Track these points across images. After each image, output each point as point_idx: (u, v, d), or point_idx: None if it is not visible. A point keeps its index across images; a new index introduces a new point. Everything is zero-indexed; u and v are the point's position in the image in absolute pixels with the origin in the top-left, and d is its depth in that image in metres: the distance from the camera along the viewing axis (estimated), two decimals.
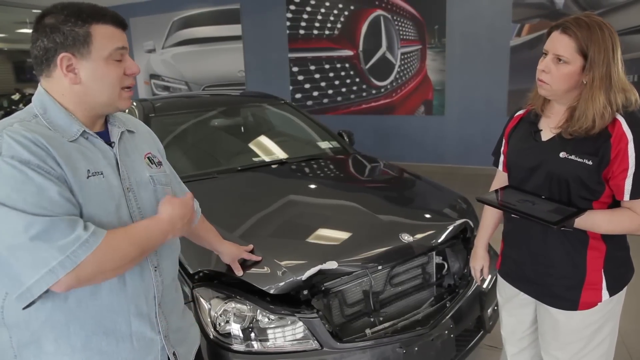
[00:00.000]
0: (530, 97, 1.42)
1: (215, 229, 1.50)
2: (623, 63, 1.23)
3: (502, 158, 1.52)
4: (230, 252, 1.54)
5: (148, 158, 1.13)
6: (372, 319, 1.71)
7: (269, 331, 1.55)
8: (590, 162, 1.22)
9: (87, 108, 0.99)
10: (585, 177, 1.23)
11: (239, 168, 2.50)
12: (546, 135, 1.34)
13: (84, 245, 0.86)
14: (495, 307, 2.10)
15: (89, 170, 0.95)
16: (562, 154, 1.27)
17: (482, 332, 1.99)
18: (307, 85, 6.85)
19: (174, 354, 1.12)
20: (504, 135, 1.51)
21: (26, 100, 10.14)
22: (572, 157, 1.25)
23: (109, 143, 1.04)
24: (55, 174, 0.87)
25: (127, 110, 1.71)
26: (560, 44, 1.23)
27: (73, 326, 0.97)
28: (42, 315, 0.95)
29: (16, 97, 11.17)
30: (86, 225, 0.88)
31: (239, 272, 1.55)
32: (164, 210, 1.01)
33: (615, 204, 1.28)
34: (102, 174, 0.97)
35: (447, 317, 1.76)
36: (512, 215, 1.35)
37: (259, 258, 1.61)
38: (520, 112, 1.47)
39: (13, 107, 10.33)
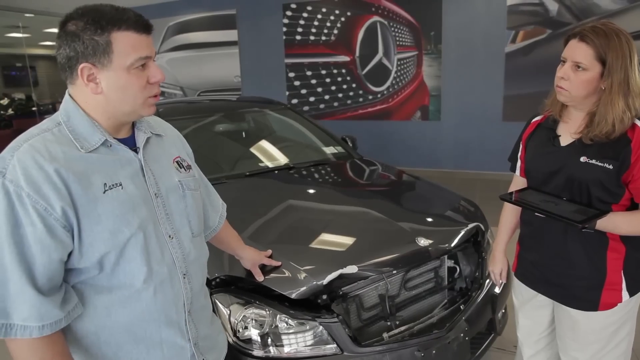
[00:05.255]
0: (547, 103, 1.45)
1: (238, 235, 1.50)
2: None
3: (519, 163, 1.55)
4: (251, 258, 1.54)
5: (177, 162, 1.11)
6: (388, 323, 1.72)
7: (289, 336, 1.55)
8: (610, 167, 1.25)
9: (110, 117, 0.97)
10: (606, 180, 1.26)
11: (247, 173, 2.50)
12: (565, 140, 1.37)
13: (5, 328, 0.86)
14: (504, 311, 2.13)
15: (105, 184, 0.93)
16: (582, 159, 1.30)
17: (493, 335, 2.01)
18: (303, 91, 6.87)
19: None
20: (521, 140, 1.53)
21: (15, 105, 9.99)
22: (593, 161, 1.28)
23: (135, 148, 1.02)
24: (41, 206, 0.86)
25: None
26: (578, 51, 1.26)
27: (104, 336, 0.97)
28: (73, 325, 0.94)
29: (5, 102, 11.00)
30: (36, 313, 0.85)
31: (259, 278, 1.55)
32: None
33: (633, 206, 1.31)
34: (120, 185, 0.95)
35: (462, 319, 1.78)
36: (536, 214, 1.38)
37: (279, 263, 1.61)
38: (537, 118, 1.50)
39: (2, 112, 10.17)
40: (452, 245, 1.89)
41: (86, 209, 0.90)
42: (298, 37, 6.72)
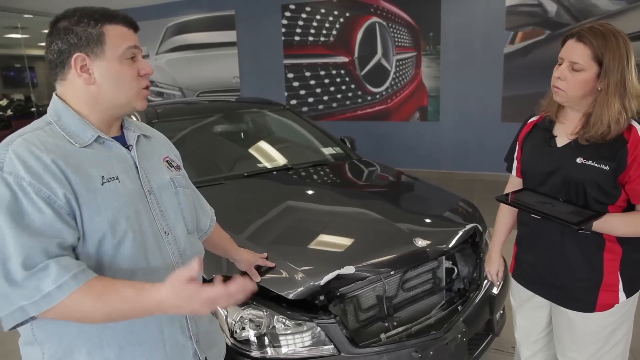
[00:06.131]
0: (544, 104, 1.45)
1: (230, 236, 1.49)
2: (637, 70, 1.27)
3: (515, 164, 1.55)
4: (246, 259, 1.54)
5: (167, 161, 1.13)
6: (386, 324, 1.72)
7: (286, 337, 1.55)
8: (607, 167, 1.25)
9: (102, 109, 0.98)
10: (602, 181, 1.26)
11: (246, 174, 2.50)
12: (561, 141, 1.37)
13: (46, 298, 0.83)
14: (502, 311, 2.13)
15: (103, 176, 0.94)
16: (578, 160, 1.29)
17: (491, 336, 2.01)
18: (302, 92, 6.87)
19: (205, 359, 1.12)
20: (517, 141, 1.53)
21: (14, 106, 9.99)
22: (589, 162, 1.28)
23: (126, 147, 1.03)
24: (45, 194, 0.86)
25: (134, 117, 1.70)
26: (575, 51, 1.26)
27: (106, 337, 0.96)
28: (74, 328, 0.94)
29: (3, 102, 11.00)
30: (61, 269, 0.83)
31: (256, 278, 1.55)
32: (166, 293, 0.86)
33: (629, 208, 1.31)
34: (117, 179, 0.96)
35: (460, 320, 1.78)
36: (532, 216, 1.38)
37: (273, 264, 1.61)
38: (534, 118, 1.50)
39: (1, 113, 10.17)
40: (450, 246, 1.89)
41: (86, 199, 0.90)
42: (297, 38, 6.72)
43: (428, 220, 2.08)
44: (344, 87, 6.57)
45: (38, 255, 0.84)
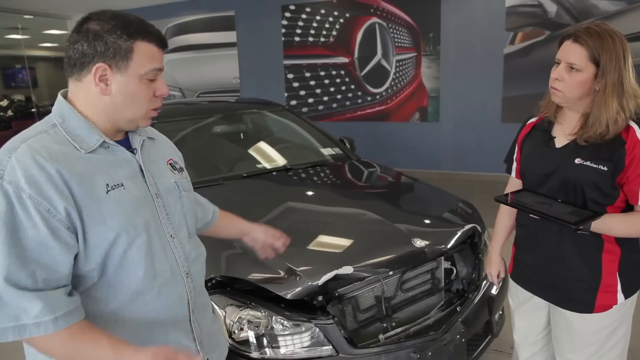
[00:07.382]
0: (542, 105, 1.45)
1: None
2: (634, 70, 1.27)
3: (514, 165, 1.55)
4: (258, 239, 1.43)
5: (170, 164, 1.12)
6: (384, 325, 1.72)
7: (285, 338, 1.55)
8: (605, 168, 1.25)
9: (109, 120, 0.97)
10: (600, 182, 1.26)
11: (245, 175, 2.50)
12: (560, 142, 1.37)
13: (19, 330, 0.83)
14: (501, 312, 2.13)
15: (107, 184, 0.93)
16: (577, 160, 1.29)
17: (490, 337, 2.01)
18: (302, 92, 6.88)
19: None
20: (516, 142, 1.53)
21: (15, 106, 9.99)
22: (587, 163, 1.27)
23: (131, 151, 1.02)
24: (44, 207, 0.84)
25: None
26: (572, 52, 1.26)
27: None
28: None
29: (4, 103, 11.01)
30: (46, 307, 0.83)
31: (270, 255, 1.44)
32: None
33: (628, 208, 1.31)
34: (122, 185, 0.95)
35: (459, 321, 1.77)
36: (531, 216, 1.38)
37: (288, 241, 1.47)
38: (533, 119, 1.50)
39: (1, 114, 10.18)
40: (449, 246, 1.89)
41: (90, 210, 0.89)
42: (297, 39, 6.73)
43: (427, 221, 2.08)
44: (343, 88, 6.57)
45: (23, 278, 0.83)
